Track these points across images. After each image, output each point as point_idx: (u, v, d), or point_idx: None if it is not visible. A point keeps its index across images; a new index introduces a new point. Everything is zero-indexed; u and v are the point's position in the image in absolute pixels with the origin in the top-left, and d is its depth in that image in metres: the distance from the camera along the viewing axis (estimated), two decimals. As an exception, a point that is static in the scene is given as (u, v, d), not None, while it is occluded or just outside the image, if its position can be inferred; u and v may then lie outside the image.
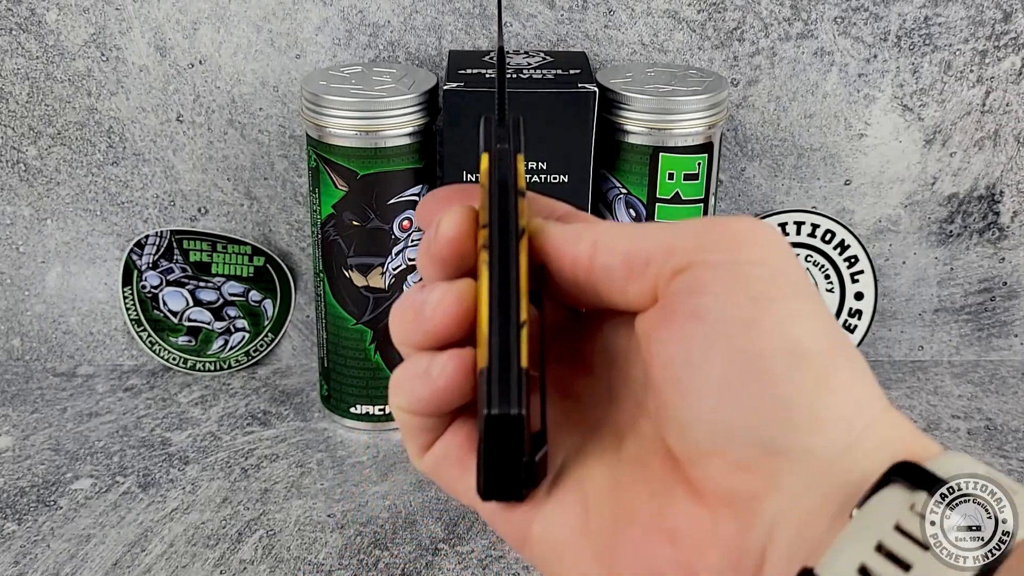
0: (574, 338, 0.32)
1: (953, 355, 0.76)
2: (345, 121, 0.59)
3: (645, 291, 0.27)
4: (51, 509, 0.59)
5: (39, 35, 0.66)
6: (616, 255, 0.27)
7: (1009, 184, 0.72)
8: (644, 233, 0.27)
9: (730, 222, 0.27)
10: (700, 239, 0.26)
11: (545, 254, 0.29)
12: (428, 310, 0.27)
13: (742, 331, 0.25)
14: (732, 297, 0.25)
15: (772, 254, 0.26)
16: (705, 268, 0.26)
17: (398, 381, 0.28)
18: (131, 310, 0.71)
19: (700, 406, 0.25)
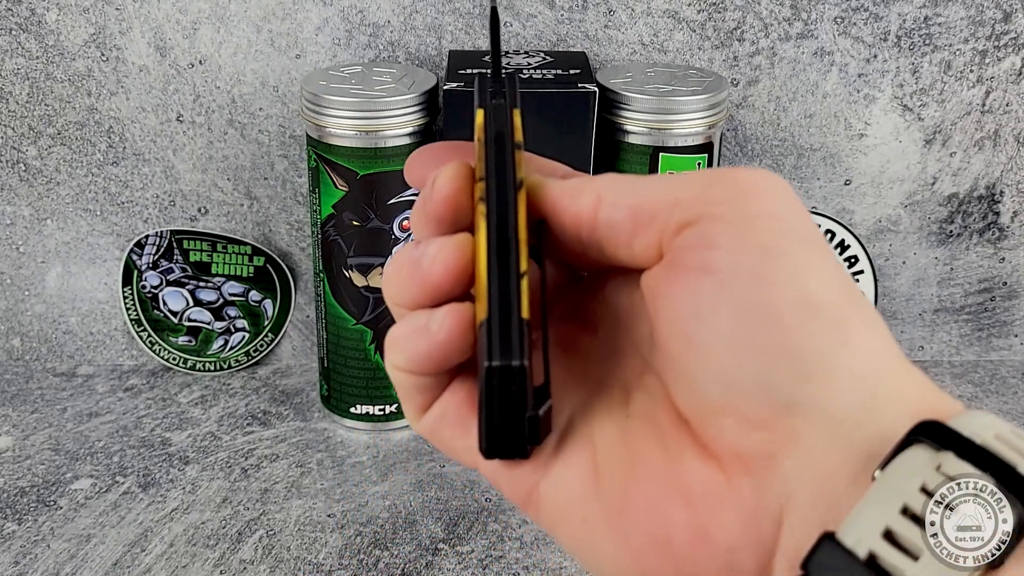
0: (577, 298, 0.31)
1: (953, 355, 0.76)
2: (345, 121, 0.59)
3: (651, 246, 0.26)
4: (51, 509, 0.59)
5: (39, 35, 0.66)
6: (620, 209, 0.27)
7: (1009, 184, 0.72)
8: (649, 186, 0.27)
9: (737, 173, 0.26)
10: (706, 191, 0.26)
11: (545, 211, 0.28)
12: (426, 263, 0.27)
13: (752, 283, 0.24)
14: (741, 250, 0.25)
15: (781, 205, 0.26)
16: (712, 221, 0.25)
17: (395, 338, 0.27)
18: (131, 310, 0.71)
19: (709, 361, 0.25)
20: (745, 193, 0.25)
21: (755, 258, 0.24)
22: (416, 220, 0.29)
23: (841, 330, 0.24)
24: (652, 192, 0.26)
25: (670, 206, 0.26)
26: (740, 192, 0.25)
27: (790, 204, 0.26)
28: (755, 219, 0.25)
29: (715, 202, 0.25)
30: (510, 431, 0.26)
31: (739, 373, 0.24)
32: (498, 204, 0.27)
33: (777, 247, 0.25)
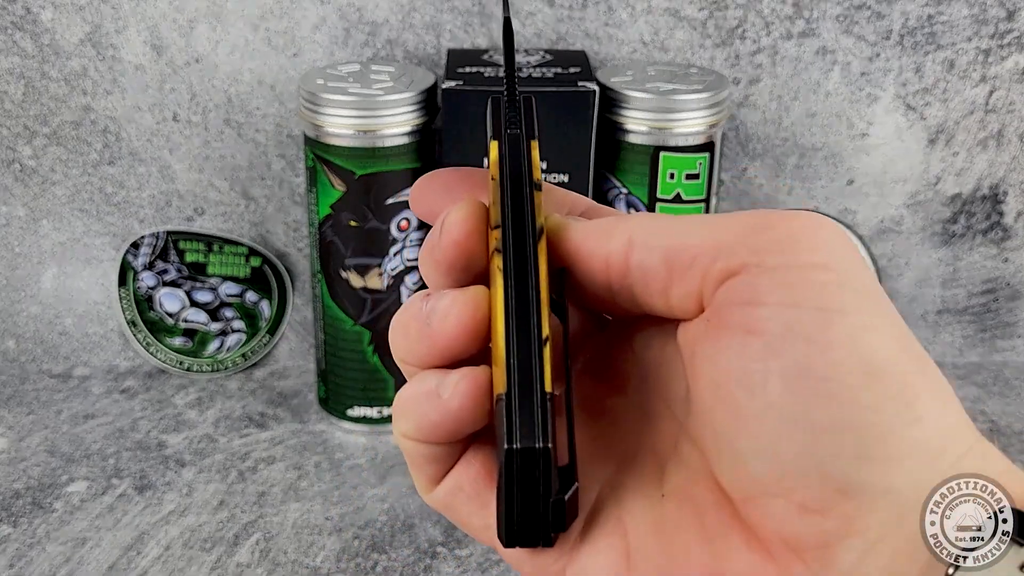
0: (602, 348, 0.28)
1: (957, 357, 0.76)
2: (343, 120, 0.58)
3: (689, 295, 0.24)
4: (46, 512, 0.58)
5: (34, 34, 0.65)
6: (655, 253, 0.24)
7: (1013, 184, 0.71)
8: (687, 227, 0.24)
9: (787, 218, 0.23)
10: (753, 237, 0.23)
11: (570, 255, 0.25)
12: (435, 321, 0.24)
13: (806, 347, 0.22)
14: (793, 308, 0.22)
15: (835, 255, 0.23)
16: (760, 273, 0.23)
17: (403, 404, 0.25)
18: (127, 311, 0.71)
19: (757, 435, 0.22)
20: (795, 241, 0.23)
21: (809, 318, 0.22)
22: (424, 265, 0.26)
23: (908, 401, 0.22)
24: (690, 234, 0.24)
25: (711, 252, 0.23)
26: (790, 240, 0.23)
27: (845, 254, 0.23)
28: (807, 272, 0.22)
29: (762, 250, 0.23)
30: (532, 518, 0.23)
31: (791, 449, 0.22)
32: (516, 261, 0.24)
33: (833, 305, 0.22)
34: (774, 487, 0.22)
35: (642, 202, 0.62)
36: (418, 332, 0.25)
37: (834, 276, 0.22)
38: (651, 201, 0.61)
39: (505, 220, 0.25)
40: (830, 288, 0.22)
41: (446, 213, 0.26)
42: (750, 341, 0.22)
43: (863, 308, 0.22)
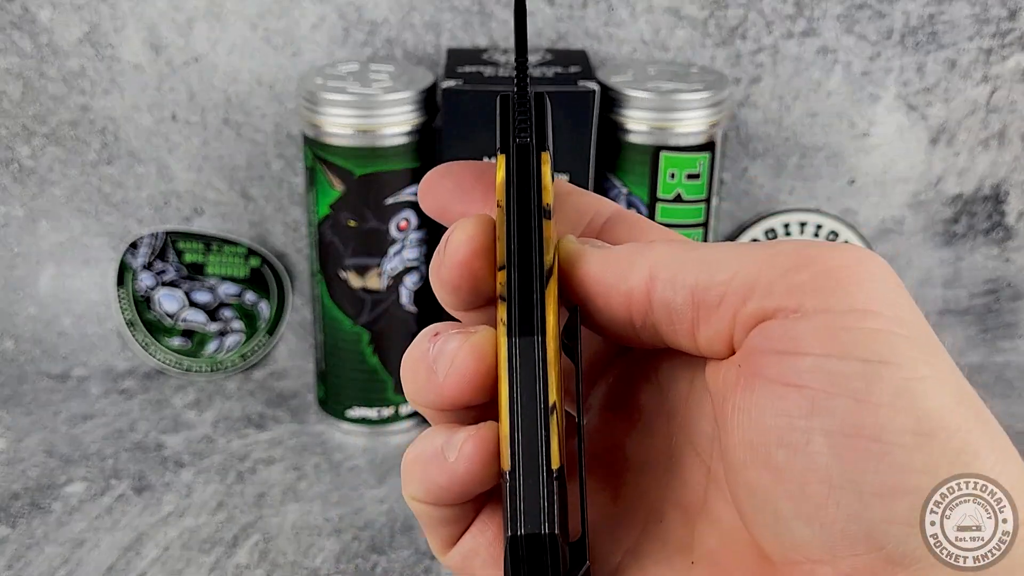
0: (623, 378, 0.26)
1: (958, 357, 0.75)
2: (342, 120, 0.58)
3: (719, 337, 0.22)
4: (44, 513, 0.58)
5: (32, 33, 0.65)
6: (680, 290, 0.22)
7: (1015, 184, 0.71)
8: (714, 261, 0.22)
9: (826, 254, 0.21)
10: (788, 276, 0.21)
11: (586, 289, 0.24)
12: (441, 368, 0.23)
13: (852, 404, 0.20)
14: (837, 359, 0.20)
15: (882, 298, 0.21)
16: (799, 318, 0.21)
17: (410, 466, 0.24)
18: (126, 311, 0.70)
19: (802, 498, 0.20)
20: (837, 282, 0.21)
21: (854, 371, 0.20)
22: (433, 283, 0.25)
23: (966, 462, 0.20)
24: (718, 269, 0.22)
25: (742, 291, 0.21)
26: (831, 280, 0.21)
27: (893, 296, 0.21)
28: (851, 318, 0.20)
29: (799, 292, 0.21)
30: None
31: (839, 515, 0.20)
32: (521, 319, 0.22)
33: (880, 356, 0.20)
34: (820, 554, 0.20)
35: (643, 202, 0.61)
36: (425, 378, 0.23)
37: (881, 322, 0.20)
38: (652, 201, 0.61)
39: (510, 267, 0.23)
40: (877, 336, 0.20)
41: (451, 230, 0.24)
42: (790, 395, 0.20)
43: (914, 358, 0.20)
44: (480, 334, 0.23)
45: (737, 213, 0.71)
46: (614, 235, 0.26)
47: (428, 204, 0.27)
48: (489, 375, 0.23)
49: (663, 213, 0.61)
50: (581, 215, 0.27)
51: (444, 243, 0.24)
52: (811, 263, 0.21)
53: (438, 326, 0.24)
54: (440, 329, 0.24)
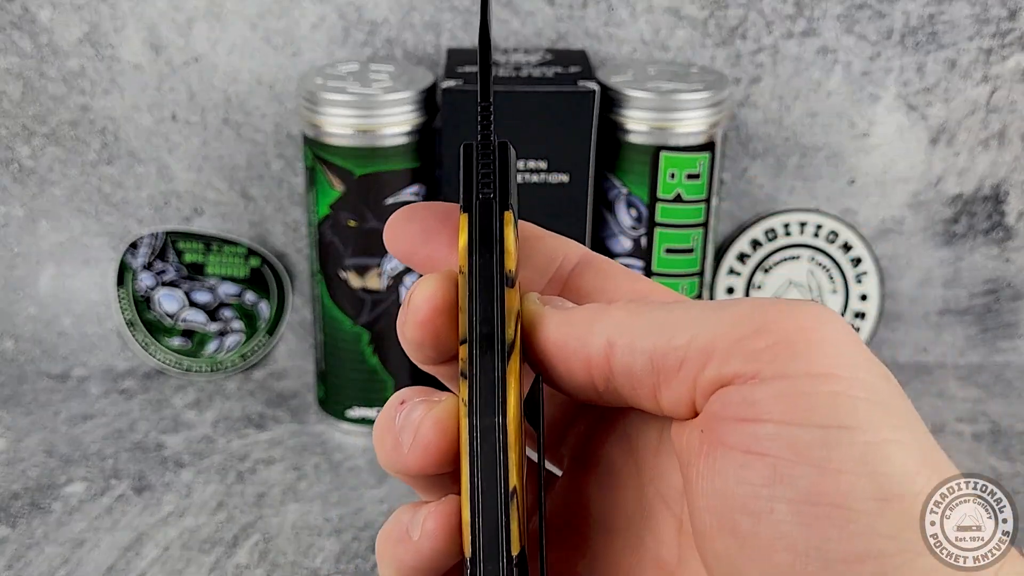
0: (592, 430, 0.26)
1: (958, 357, 0.75)
2: (342, 120, 0.58)
3: (680, 400, 0.22)
4: (44, 513, 0.58)
5: (32, 33, 0.65)
6: (639, 357, 0.22)
7: (1015, 184, 0.71)
8: (672, 323, 0.22)
9: (783, 317, 0.21)
10: (745, 342, 0.21)
11: (548, 354, 0.24)
12: (405, 439, 0.23)
13: (815, 472, 0.20)
14: (797, 426, 0.20)
15: (840, 359, 0.21)
16: (756, 384, 0.21)
17: (380, 549, 0.24)
18: (126, 311, 0.70)
19: (768, 566, 0.20)
20: (793, 346, 0.21)
21: (815, 438, 0.20)
22: (400, 336, 0.25)
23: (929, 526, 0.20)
24: (676, 334, 0.22)
25: (700, 356, 0.21)
26: (787, 345, 0.21)
27: (851, 357, 0.21)
28: (809, 383, 0.20)
29: (757, 358, 0.21)
30: None
31: None
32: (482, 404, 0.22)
33: (840, 421, 0.20)
34: None
35: (643, 202, 0.61)
36: (392, 448, 0.24)
37: (839, 385, 0.20)
38: (652, 201, 0.61)
39: (472, 344, 0.23)
40: (836, 400, 0.20)
41: (413, 288, 0.24)
42: (752, 463, 0.20)
43: (874, 421, 0.20)
44: (443, 405, 0.23)
45: (737, 213, 0.71)
46: (582, 282, 0.26)
47: (395, 248, 0.26)
48: (452, 448, 0.23)
49: (663, 213, 0.61)
50: (549, 261, 0.26)
51: (407, 302, 0.24)
52: (767, 328, 0.21)
53: (404, 393, 0.24)
54: (406, 397, 0.24)
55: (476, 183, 0.25)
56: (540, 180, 0.60)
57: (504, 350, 0.23)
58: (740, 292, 0.71)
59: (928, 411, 0.69)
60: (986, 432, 0.67)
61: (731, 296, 0.71)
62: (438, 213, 0.26)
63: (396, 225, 0.26)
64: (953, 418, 0.69)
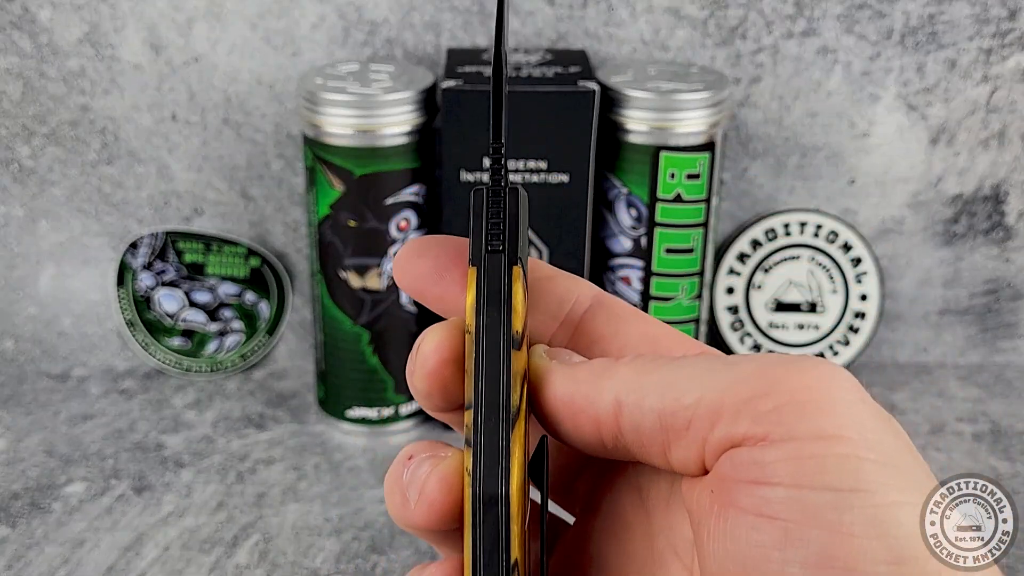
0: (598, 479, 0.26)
1: (958, 357, 0.75)
2: (342, 120, 0.58)
3: (691, 458, 0.22)
4: (44, 513, 0.58)
5: (32, 33, 0.65)
6: (647, 416, 0.22)
7: (1015, 184, 0.71)
8: (679, 382, 0.22)
9: (789, 375, 0.21)
10: (753, 403, 0.21)
11: (555, 410, 0.24)
12: (412, 497, 0.23)
13: (827, 534, 0.20)
14: (808, 489, 0.20)
15: (850, 422, 0.21)
16: (766, 447, 0.21)
17: None
18: (126, 311, 0.70)
19: None
20: (802, 408, 0.21)
21: (826, 501, 0.20)
22: (409, 384, 0.25)
23: None
24: (684, 393, 0.22)
25: (709, 415, 0.21)
26: (795, 406, 0.21)
27: (859, 416, 0.21)
28: (819, 445, 0.20)
29: (765, 419, 0.21)
30: None
31: None
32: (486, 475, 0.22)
33: (850, 483, 0.20)
34: None
35: (643, 202, 0.61)
36: (400, 503, 0.24)
37: (848, 447, 0.20)
38: (652, 201, 0.61)
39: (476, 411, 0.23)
40: (845, 463, 0.20)
41: (421, 339, 0.24)
42: (763, 526, 0.20)
43: (884, 483, 0.20)
44: (448, 462, 0.23)
45: (737, 213, 0.71)
46: (594, 325, 0.26)
47: (404, 284, 0.26)
48: (457, 504, 0.23)
49: (663, 213, 0.61)
50: (560, 303, 0.26)
51: (415, 351, 0.24)
52: (775, 388, 0.21)
53: (413, 447, 0.24)
54: (414, 452, 0.24)
55: (485, 234, 0.24)
56: (540, 180, 0.60)
57: (509, 417, 0.23)
58: (740, 292, 0.71)
59: (928, 411, 0.69)
60: (986, 432, 0.67)
61: (731, 296, 0.71)
62: (448, 249, 0.26)
63: (405, 260, 0.26)
64: (953, 418, 0.69)
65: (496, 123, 0.25)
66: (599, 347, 0.26)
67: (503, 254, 0.24)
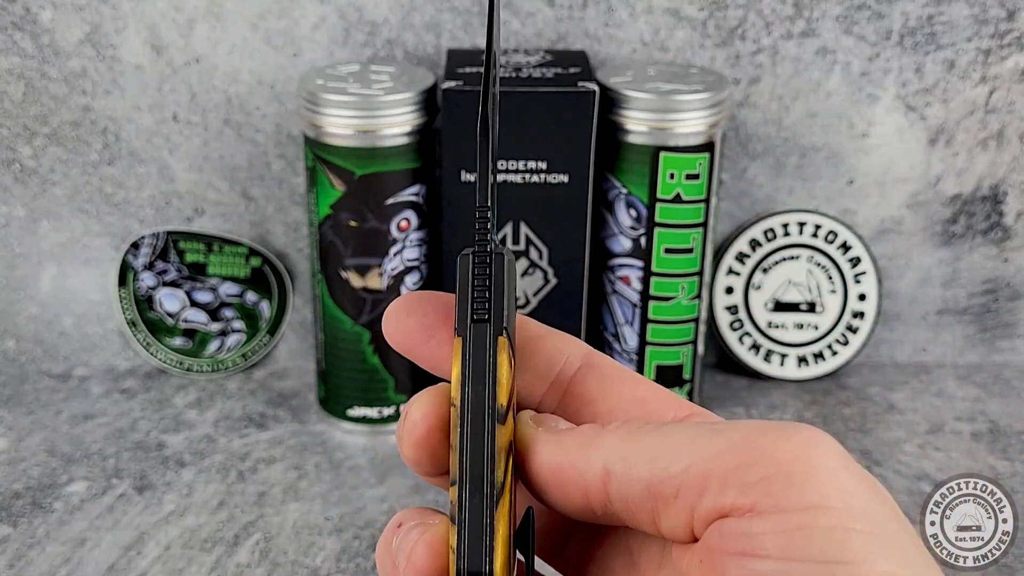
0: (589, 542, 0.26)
1: (957, 357, 0.76)
2: (342, 120, 0.58)
3: (680, 526, 0.22)
4: (46, 512, 0.58)
5: (34, 34, 0.65)
6: (635, 483, 0.22)
7: (1013, 184, 0.71)
8: (666, 450, 0.22)
9: (776, 444, 0.21)
10: (740, 474, 0.21)
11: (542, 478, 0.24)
12: (401, 564, 0.24)
13: None
14: (796, 562, 0.20)
15: (836, 492, 0.21)
16: (753, 518, 0.21)
17: None
18: (127, 311, 0.71)
19: None
20: (788, 477, 0.21)
21: (814, 573, 0.20)
22: (398, 446, 0.25)
23: None
24: (672, 462, 0.22)
25: (697, 484, 0.21)
26: (782, 476, 0.21)
27: (845, 485, 0.21)
28: (806, 516, 0.20)
29: (752, 488, 0.21)
30: None
31: None
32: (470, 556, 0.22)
33: (837, 556, 0.20)
34: None
35: (642, 202, 0.62)
36: (391, 570, 0.24)
37: (835, 518, 0.20)
38: (651, 201, 0.61)
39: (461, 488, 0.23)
40: (832, 535, 0.20)
41: (409, 407, 0.25)
42: None
43: (871, 554, 0.20)
44: (435, 528, 0.24)
45: (736, 213, 0.71)
46: (584, 387, 0.26)
47: (394, 341, 0.26)
48: (444, 571, 0.23)
49: (662, 213, 0.62)
50: (550, 364, 0.26)
51: (404, 417, 0.24)
52: (761, 457, 0.21)
53: (403, 515, 0.25)
54: (404, 519, 0.25)
55: (471, 301, 0.24)
56: (540, 180, 0.60)
57: (493, 494, 0.23)
58: (739, 291, 0.71)
59: (927, 410, 0.70)
60: (984, 431, 0.67)
61: (730, 296, 0.71)
62: (437, 307, 0.26)
63: (395, 318, 0.26)
64: (952, 417, 0.69)
65: (483, 184, 0.25)
66: (589, 409, 0.26)
67: (488, 323, 0.24)
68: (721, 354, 0.74)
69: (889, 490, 0.22)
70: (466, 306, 0.24)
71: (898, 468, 0.62)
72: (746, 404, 0.70)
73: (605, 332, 0.66)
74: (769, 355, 0.72)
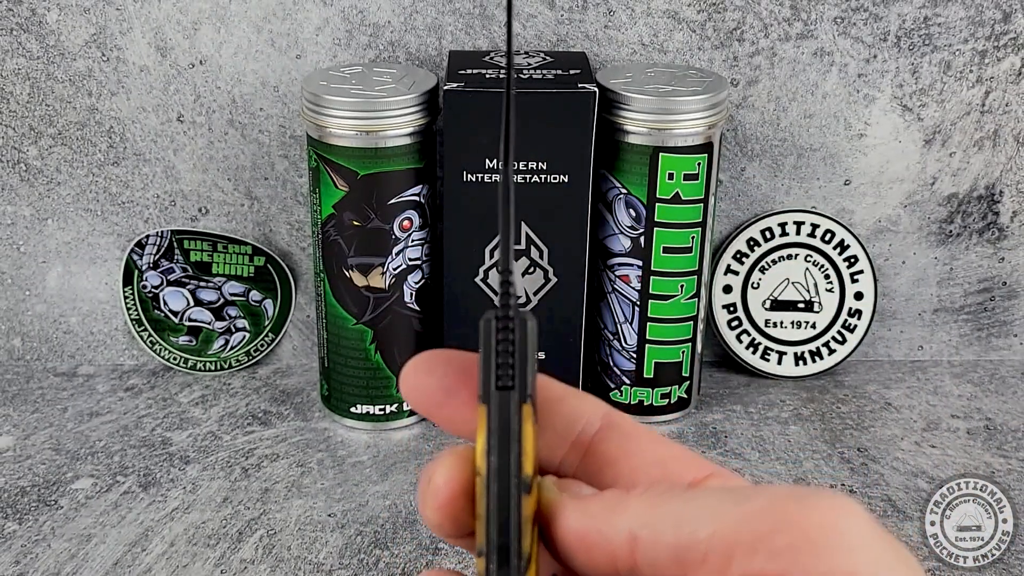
0: None
1: (953, 355, 0.76)
2: (345, 121, 0.59)
3: None
4: (52, 509, 0.59)
5: (40, 35, 0.66)
6: (663, 551, 0.22)
7: (1008, 184, 0.72)
8: (692, 515, 0.22)
9: (802, 511, 0.21)
10: (768, 540, 0.21)
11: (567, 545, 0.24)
12: None
13: None
14: None
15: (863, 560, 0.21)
16: None
17: None
18: (132, 310, 0.71)
19: None
20: (815, 546, 0.21)
21: None
22: (420, 510, 0.25)
23: None
24: (699, 526, 0.22)
25: (725, 551, 0.21)
26: (810, 544, 0.21)
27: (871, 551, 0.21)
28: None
29: (780, 555, 0.21)
30: None
31: None
32: None
33: None
34: None
35: (641, 202, 0.62)
36: None
37: None
38: (650, 201, 0.62)
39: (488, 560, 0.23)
40: None
41: (432, 470, 0.24)
42: None
43: None
44: None
45: (735, 213, 0.72)
46: (606, 447, 0.27)
47: (412, 402, 0.26)
48: None
49: (661, 213, 0.62)
50: (570, 426, 0.26)
51: (427, 480, 0.24)
52: (788, 524, 0.21)
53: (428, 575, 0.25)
54: None
55: (494, 367, 0.24)
56: (540, 180, 0.61)
57: (520, 565, 0.23)
58: (737, 290, 0.72)
59: (923, 408, 0.70)
60: (980, 428, 0.68)
61: (728, 294, 0.72)
62: (456, 367, 0.26)
63: (413, 377, 0.26)
64: (948, 415, 0.69)
65: (505, 249, 0.24)
66: (611, 470, 0.26)
67: (513, 391, 0.24)
68: (720, 352, 0.74)
69: (885, 487, 0.22)
70: (489, 372, 0.24)
71: (894, 465, 0.63)
72: (744, 402, 0.70)
73: (605, 330, 0.67)
74: (767, 353, 0.73)
